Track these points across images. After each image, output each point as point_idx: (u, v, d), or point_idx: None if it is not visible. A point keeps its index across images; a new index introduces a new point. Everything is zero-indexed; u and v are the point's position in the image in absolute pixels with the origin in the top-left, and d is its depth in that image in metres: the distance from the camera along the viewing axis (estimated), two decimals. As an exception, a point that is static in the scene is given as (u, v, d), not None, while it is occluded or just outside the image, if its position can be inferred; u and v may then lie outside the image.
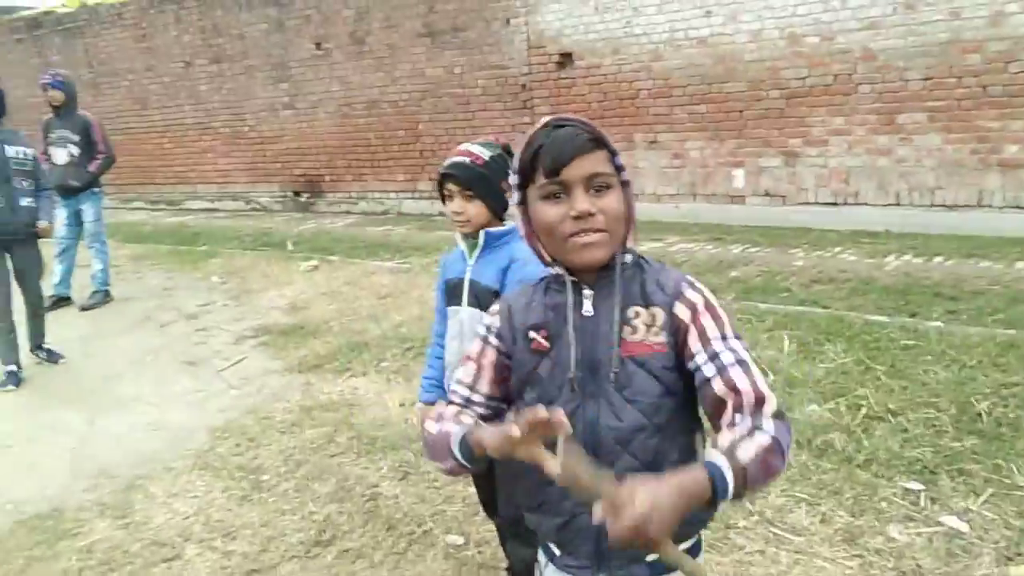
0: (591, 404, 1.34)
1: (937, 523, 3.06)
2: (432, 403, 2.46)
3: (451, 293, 2.33)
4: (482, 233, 2.23)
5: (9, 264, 5.05)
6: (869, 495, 3.25)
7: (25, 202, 5.05)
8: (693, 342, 1.30)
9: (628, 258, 1.38)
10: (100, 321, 6.39)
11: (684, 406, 1.35)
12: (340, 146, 11.48)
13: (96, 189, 6.81)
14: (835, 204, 7.73)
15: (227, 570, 2.87)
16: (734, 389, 1.24)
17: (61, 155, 6.56)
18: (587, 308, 1.36)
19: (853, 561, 2.91)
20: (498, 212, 2.26)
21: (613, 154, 1.34)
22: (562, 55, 9.18)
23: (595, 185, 1.30)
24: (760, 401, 1.23)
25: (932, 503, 3.17)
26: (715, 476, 1.10)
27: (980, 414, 3.62)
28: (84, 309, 6.69)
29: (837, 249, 6.57)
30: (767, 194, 8.13)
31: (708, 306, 1.33)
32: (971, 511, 3.10)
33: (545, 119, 1.37)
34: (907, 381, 3.95)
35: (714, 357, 1.28)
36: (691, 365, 1.30)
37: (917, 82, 7.07)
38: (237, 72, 12.26)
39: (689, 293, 1.34)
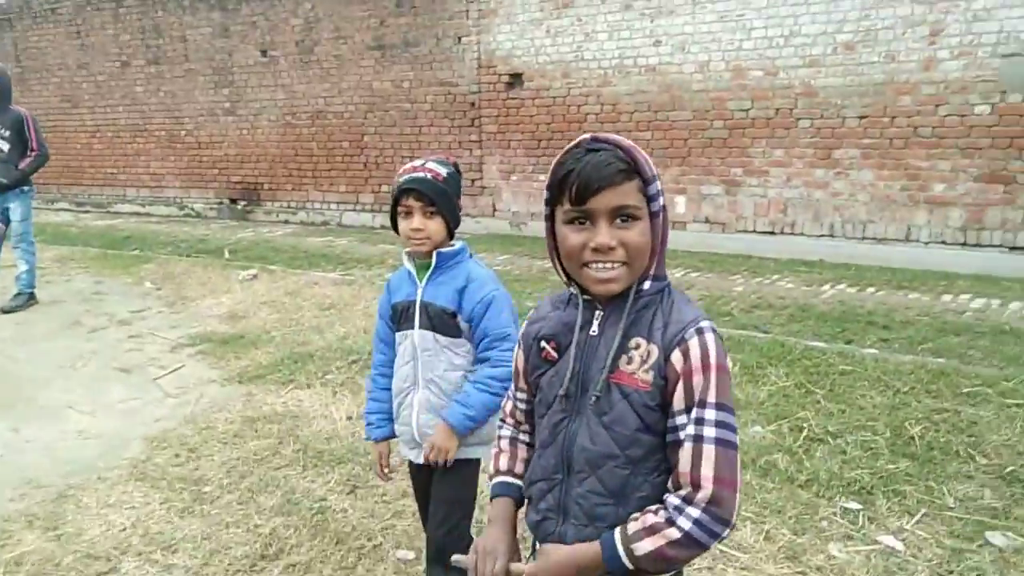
0: (575, 421, 1.38)
1: (874, 541, 3.16)
2: (388, 439, 2.38)
3: (400, 316, 2.25)
4: (435, 254, 2.17)
5: None
6: (810, 514, 3.34)
7: None
8: (678, 399, 1.29)
9: (648, 286, 1.36)
10: (26, 325, 6.10)
11: (662, 447, 1.34)
12: (281, 155, 11.30)
13: (26, 188, 6.51)
14: (772, 233, 7.97)
15: (167, 584, 2.76)
16: (682, 465, 1.28)
17: (-10, 150, 6.26)
18: (594, 328, 1.38)
19: (797, 578, 2.98)
20: (452, 231, 2.22)
21: (647, 183, 1.31)
22: (512, 75, 9.26)
23: (621, 215, 1.30)
24: (696, 487, 1.26)
25: (869, 522, 3.28)
26: (609, 557, 1.29)
27: (913, 438, 3.76)
28: (6, 311, 6.37)
29: (775, 276, 6.78)
30: (708, 221, 8.34)
31: (706, 364, 1.28)
32: (906, 530, 3.21)
33: (582, 137, 1.34)
34: (845, 405, 4.08)
35: (693, 423, 1.28)
36: (669, 421, 1.31)
37: (853, 119, 7.38)
38: (177, 75, 11.97)
39: (692, 342, 1.29)
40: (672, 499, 1.27)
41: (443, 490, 2.27)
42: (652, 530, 1.26)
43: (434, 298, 2.18)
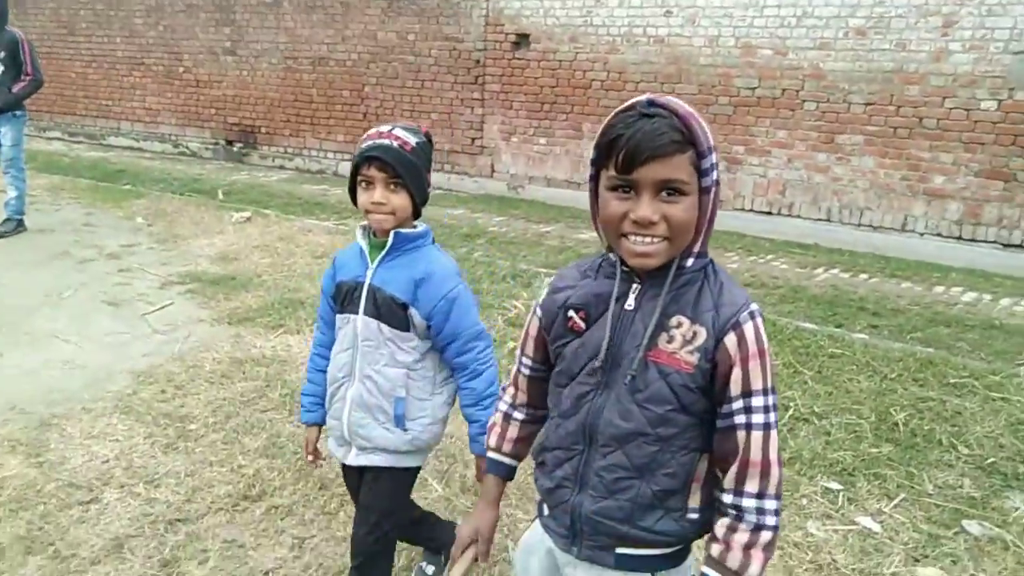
0: (603, 395, 1.34)
1: (852, 522, 3.20)
2: (318, 424, 2.19)
3: (344, 297, 2.00)
4: (392, 234, 1.92)
5: None
6: (791, 491, 3.37)
7: None
8: (735, 384, 1.26)
9: (691, 263, 1.30)
10: (12, 251, 6.01)
11: (696, 426, 1.31)
12: (280, 99, 11.12)
13: (18, 112, 6.38)
14: (770, 213, 7.95)
15: (149, 517, 2.75)
16: (749, 454, 1.27)
17: (-17, 71, 6.11)
18: (630, 302, 1.33)
19: (774, 553, 3.01)
20: (418, 209, 1.98)
21: (701, 156, 1.24)
22: (519, 35, 9.12)
23: (668, 188, 1.23)
24: (766, 474, 1.27)
25: (849, 503, 3.32)
26: None
27: (897, 424, 3.79)
28: (-6, 237, 6.29)
29: (770, 256, 6.78)
30: (705, 197, 8.28)
31: (760, 349, 1.26)
32: (884, 513, 3.25)
33: (638, 99, 1.26)
34: (832, 387, 4.10)
35: (748, 411, 1.27)
36: (724, 406, 1.28)
37: (859, 105, 7.33)
38: (177, 9, 11.71)
39: (747, 327, 1.26)
40: (748, 502, 1.27)
41: (375, 498, 2.07)
42: (749, 546, 1.27)
43: (384, 283, 1.93)
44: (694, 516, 1.36)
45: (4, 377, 3.85)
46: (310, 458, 2.23)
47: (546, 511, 1.47)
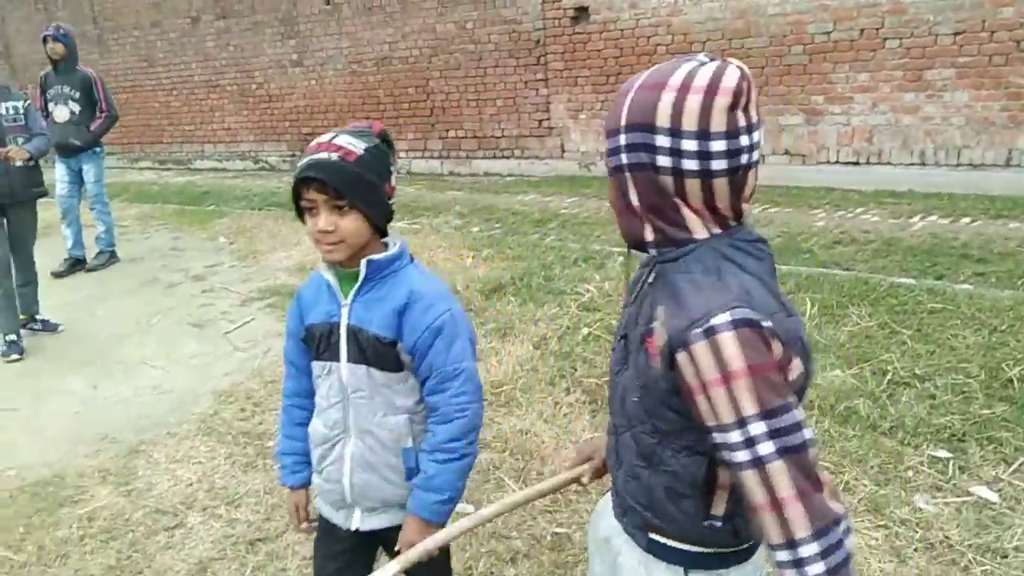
0: (625, 373, 1.26)
1: (966, 493, 2.95)
2: (306, 486, 1.84)
3: (319, 342, 1.69)
4: (363, 263, 1.61)
5: (6, 228, 4.79)
6: (894, 463, 3.13)
7: (20, 163, 4.75)
8: (705, 414, 1.08)
9: (670, 249, 1.18)
10: (106, 283, 6.30)
11: (695, 431, 1.14)
12: (349, 104, 11.27)
13: (98, 149, 6.65)
14: (857, 163, 7.50)
15: (231, 539, 2.79)
16: (753, 497, 1.07)
17: (62, 112, 6.38)
18: (650, 279, 1.24)
19: (878, 532, 2.80)
20: (381, 227, 1.65)
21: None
22: (577, 9, 8.91)
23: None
24: (782, 518, 1.04)
25: (960, 472, 3.06)
26: None
27: (1011, 380, 3.48)
28: (89, 270, 6.60)
29: (859, 210, 6.37)
30: (787, 153, 7.90)
31: (725, 374, 1.04)
32: (1001, 480, 2.98)
33: None
34: (934, 345, 3.80)
35: (729, 448, 1.07)
36: (709, 437, 1.11)
37: (947, 36, 6.79)
38: (244, 28, 12.03)
39: (699, 348, 1.05)
40: (781, 555, 1.06)
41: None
42: None
43: (365, 322, 1.62)
44: (718, 524, 1.23)
45: (99, 408, 4.01)
46: (303, 526, 1.87)
47: None
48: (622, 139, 1.14)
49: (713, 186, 1.11)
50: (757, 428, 1.04)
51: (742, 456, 1.06)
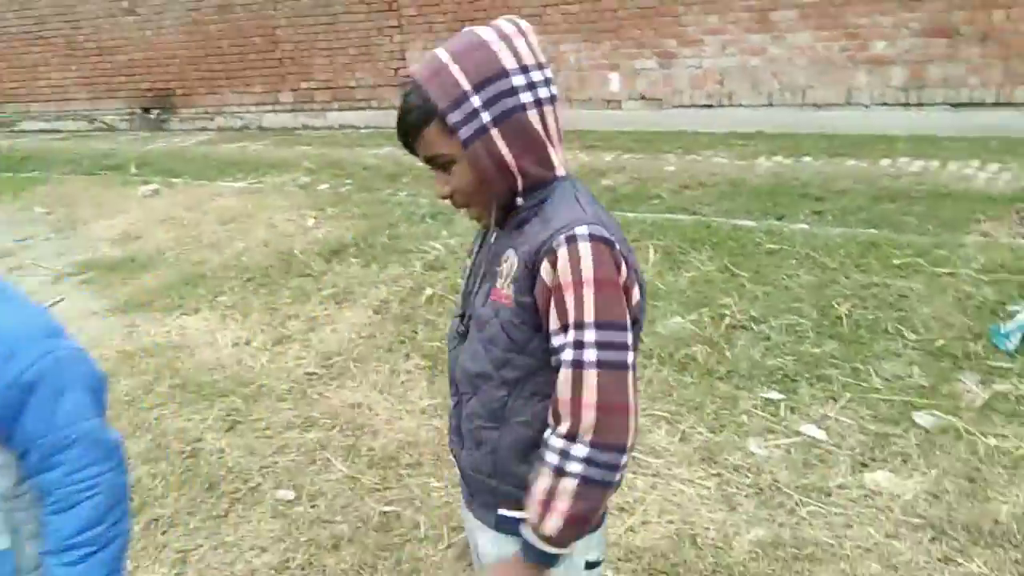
0: (460, 347, 1.32)
1: (796, 433, 2.98)
2: None
3: None
4: None
5: None
6: (730, 408, 3.14)
7: None
8: (553, 318, 1.16)
9: (521, 202, 1.24)
10: None
11: (543, 371, 1.20)
12: (191, 56, 10.44)
13: None
14: (710, 106, 7.55)
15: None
16: (561, 392, 1.15)
17: None
18: (492, 239, 1.31)
19: (711, 480, 2.79)
20: None
21: (443, 116, 1.18)
22: (426, -50, 8.50)
23: (434, 165, 1.27)
24: (577, 417, 1.13)
25: (791, 412, 3.09)
26: (531, 556, 1.18)
27: (840, 317, 3.55)
28: None
29: (709, 152, 6.41)
30: (643, 98, 7.87)
31: (578, 279, 1.12)
32: (828, 417, 3.03)
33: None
34: (771, 287, 3.84)
35: (562, 348, 1.15)
36: (550, 343, 1.18)
37: (788, -25, 6.86)
38: (63, -28, 10.90)
39: (561, 252, 1.13)
40: (555, 441, 1.15)
41: None
42: (548, 498, 1.14)
43: None
44: None
45: None
46: None
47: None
48: (475, 100, 1.16)
49: (556, 111, 1.23)
50: (589, 335, 1.12)
51: (567, 355, 1.13)
